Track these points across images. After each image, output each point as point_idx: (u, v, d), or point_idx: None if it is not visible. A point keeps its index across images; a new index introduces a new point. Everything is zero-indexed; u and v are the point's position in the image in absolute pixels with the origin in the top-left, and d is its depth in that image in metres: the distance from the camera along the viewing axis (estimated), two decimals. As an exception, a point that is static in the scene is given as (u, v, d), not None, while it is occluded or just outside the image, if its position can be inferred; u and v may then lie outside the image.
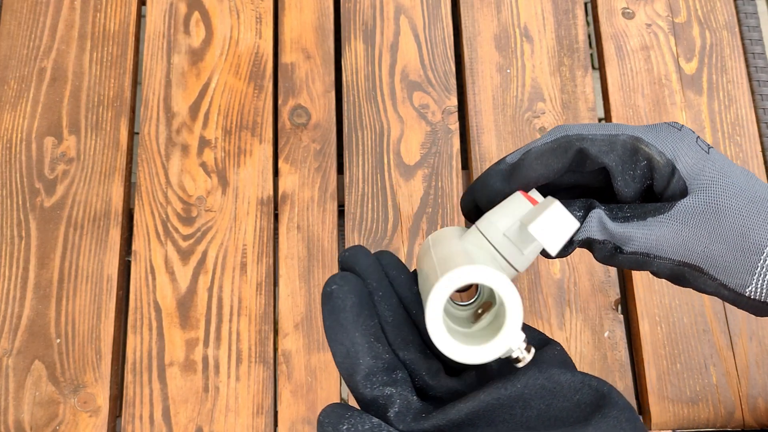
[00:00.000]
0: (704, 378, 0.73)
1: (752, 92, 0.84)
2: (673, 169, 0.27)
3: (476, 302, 0.26)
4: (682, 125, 0.28)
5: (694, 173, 0.27)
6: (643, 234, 0.26)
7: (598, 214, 0.27)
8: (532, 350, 0.24)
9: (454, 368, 0.28)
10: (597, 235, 0.27)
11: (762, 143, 0.82)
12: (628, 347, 0.75)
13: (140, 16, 0.85)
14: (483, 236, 0.26)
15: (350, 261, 0.29)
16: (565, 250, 0.27)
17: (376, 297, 0.28)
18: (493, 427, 0.25)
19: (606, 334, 0.74)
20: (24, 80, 0.80)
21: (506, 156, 0.28)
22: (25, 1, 0.83)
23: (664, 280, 0.65)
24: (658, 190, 0.28)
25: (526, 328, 0.28)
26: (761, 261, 0.26)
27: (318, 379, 0.71)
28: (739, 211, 0.26)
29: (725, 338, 0.74)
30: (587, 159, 0.27)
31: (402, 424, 0.26)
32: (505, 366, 0.28)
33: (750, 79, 0.84)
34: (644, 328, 0.74)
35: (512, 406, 0.26)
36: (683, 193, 0.27)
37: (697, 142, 0.28)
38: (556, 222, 0.24)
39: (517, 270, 0.26)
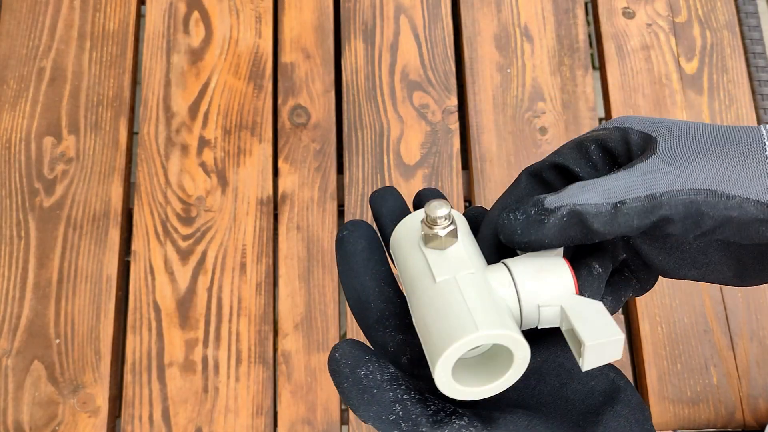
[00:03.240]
0: (705, 378, 0.73)
1: (753, 92, 0.83)
2: (627, 131, 0.25)
3: None
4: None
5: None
6: (638, 178, 0.23)
7: (578, 183, 0.24)
8: None
9: None
10: (587, 199, 0.23)
11: (763, 143, 0.81)
12: (629, 347, 0.75)
13: (140, 16, 0.85)
14: (515, 289, 0.24)
15: (377, 203, 0.28)
16: (543, 227, 0.23)
17: None
18: (502, 393, 0.25)
19: (606, 335, 0.74)
20: (23, 80, 0.80)
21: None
22: (24, 0, 0.83)
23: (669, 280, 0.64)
24: (623, 161, 0.25)
25: None
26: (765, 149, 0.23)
27: (318, 380, 0.71)
28: (715, 129, 0.24)
29: (726, 338, 0.74)
30: (541, 173, 0.26)
31: (416, 369, 0.26)
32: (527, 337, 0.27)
33: (751, 79, 0.84)
34: (645, 328, 0.74)
35: (527, 377, 0.26)
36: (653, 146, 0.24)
37: None
38: (606, 343, 0.22)
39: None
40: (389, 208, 0.28)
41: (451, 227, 0.25)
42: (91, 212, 0.75)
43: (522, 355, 0.22)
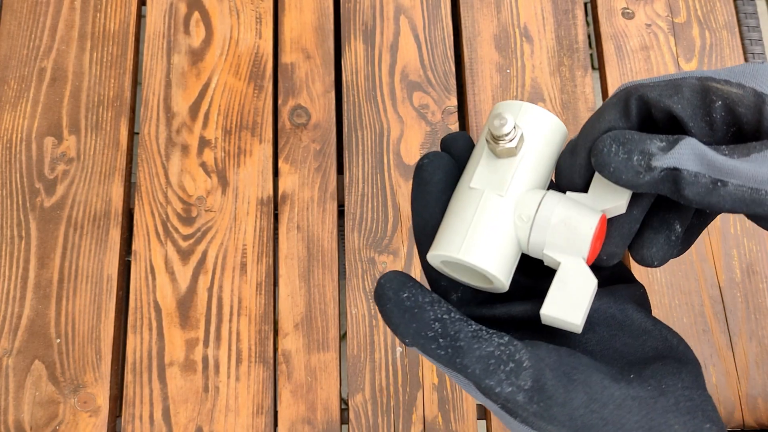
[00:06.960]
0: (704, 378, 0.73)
1: (752, 92, 0.84)
2: (764, 100, 0.22)
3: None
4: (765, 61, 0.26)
5: None
6: (750, 168, 0.21)
7: (692, 143, 0.22)
8: None
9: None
10: (689, 165, 0.22)
11: (762, 143, 0.82)
12: (628, 347, 0.75)
13: (140, 16, 0.85)
14: (530, 225, 0.25)
15: (446, 146, 0.28)
16: (639, 178, 0.22)
17: None
18: (551, 339, 0.25)
19: (606, 334, 0.74)
20: (24, 80, 0.80)
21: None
22: (25, 1, 0.83)
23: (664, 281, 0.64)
24: (749, 131, 0.23)
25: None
26: None
27: (318, 379, 0.71)
28: None
29: (725, 338, 0.74)
30: (651, 108, 0.23)
31: (463, 308, 0.27)
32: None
33: (750, 80, 0.84)
34: (644, 328, 0.74)
35: None
36: None
37: None
38: (561, 322, 0.24)
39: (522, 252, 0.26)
40: (458, 149, 0.28)
41: (511, 144, 0.25)
42: (92, 212, 0.75)
43: (498, 285, 0.25)
